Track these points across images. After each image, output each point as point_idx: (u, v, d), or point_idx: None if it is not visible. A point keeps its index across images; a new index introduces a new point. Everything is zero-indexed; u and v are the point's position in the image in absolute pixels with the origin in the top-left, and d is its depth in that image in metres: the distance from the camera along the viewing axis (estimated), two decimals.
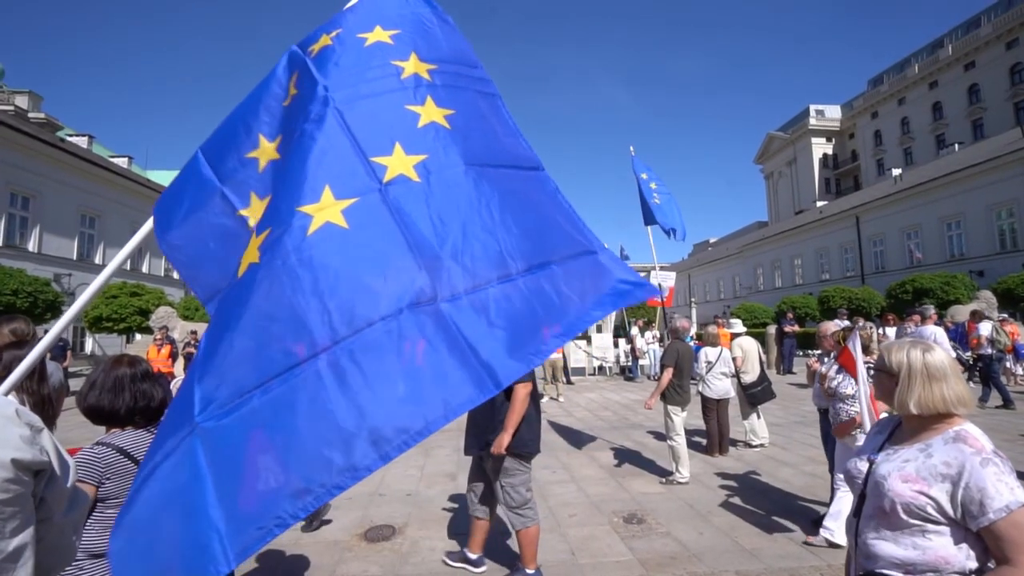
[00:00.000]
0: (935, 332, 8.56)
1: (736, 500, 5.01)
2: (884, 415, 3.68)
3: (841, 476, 3.82)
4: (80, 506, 1.16)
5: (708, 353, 6.76)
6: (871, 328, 13.57)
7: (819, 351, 4.94)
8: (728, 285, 49.04)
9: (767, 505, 4.83)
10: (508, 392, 3.32)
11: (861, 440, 3.66)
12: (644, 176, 10.42)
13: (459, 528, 4.37)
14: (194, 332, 13.11)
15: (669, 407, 5.78)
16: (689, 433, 6.20)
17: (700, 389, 6.80)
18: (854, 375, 3.34)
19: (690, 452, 5.92)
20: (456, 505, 4.90)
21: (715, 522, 4.45)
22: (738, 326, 7.65)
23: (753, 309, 27.77)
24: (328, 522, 4.51)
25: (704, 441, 6.85)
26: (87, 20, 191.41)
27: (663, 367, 5.93)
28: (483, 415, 3.42)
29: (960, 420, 1.43)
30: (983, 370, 9.61)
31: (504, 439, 3.28)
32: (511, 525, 3.47)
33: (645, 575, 3.56)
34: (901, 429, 1.54)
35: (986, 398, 9.43)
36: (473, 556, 3.64)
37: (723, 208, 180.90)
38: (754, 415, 7.09)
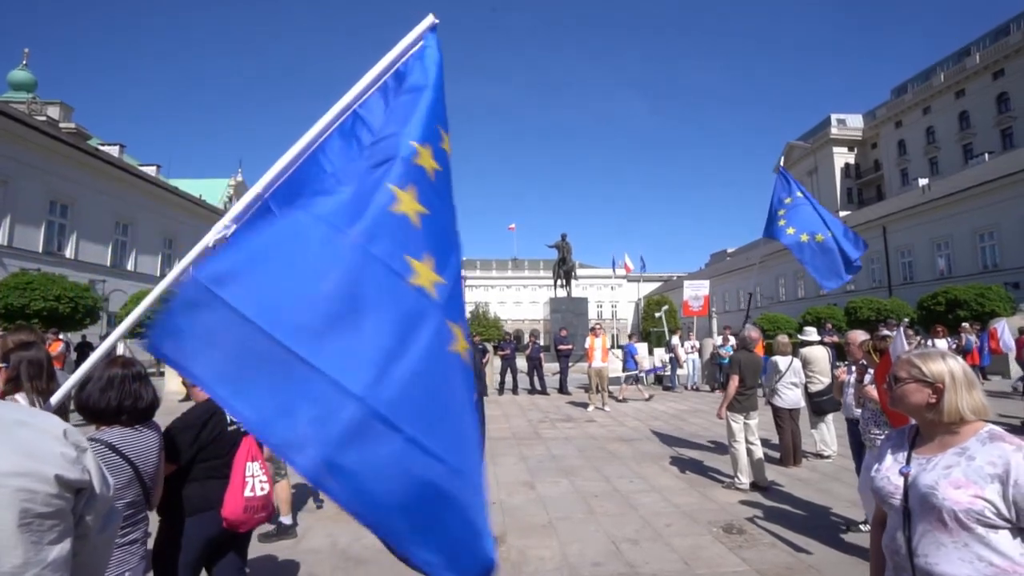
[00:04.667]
0: None
1: (827, 510, 4.93)
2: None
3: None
4: (113, 524, 1.17)
5: (779, 362, 6.69)
6: (919, 338, 13.40)
7: (847, 361, 4.90)
8: (748, 295, 48.57)
9: (862, 516, 4.73)
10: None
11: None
12: (788, 201, 8.58)
13: (565, 537, 4.35)
14: None
15: (729, 413, 5.84)
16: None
17: (771, 399, 6.73)
18: None
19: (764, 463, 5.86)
20: (547, 514, 4.89)
21: (817, 533, 4.37)
22: (812, 335, 7.57)
23: (776, 320, 27.33)
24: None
25: (777, 453, 6.75)
26: (113, 31, 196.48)
27: (728, 376, 5.98)
28: None
29: (982, 422, 1.45)
30: None
31: None
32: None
33: None
34: (922, 438, 1.53)
35: None
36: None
37: (741, 219, 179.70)
38: (823, 425, 6.99)
